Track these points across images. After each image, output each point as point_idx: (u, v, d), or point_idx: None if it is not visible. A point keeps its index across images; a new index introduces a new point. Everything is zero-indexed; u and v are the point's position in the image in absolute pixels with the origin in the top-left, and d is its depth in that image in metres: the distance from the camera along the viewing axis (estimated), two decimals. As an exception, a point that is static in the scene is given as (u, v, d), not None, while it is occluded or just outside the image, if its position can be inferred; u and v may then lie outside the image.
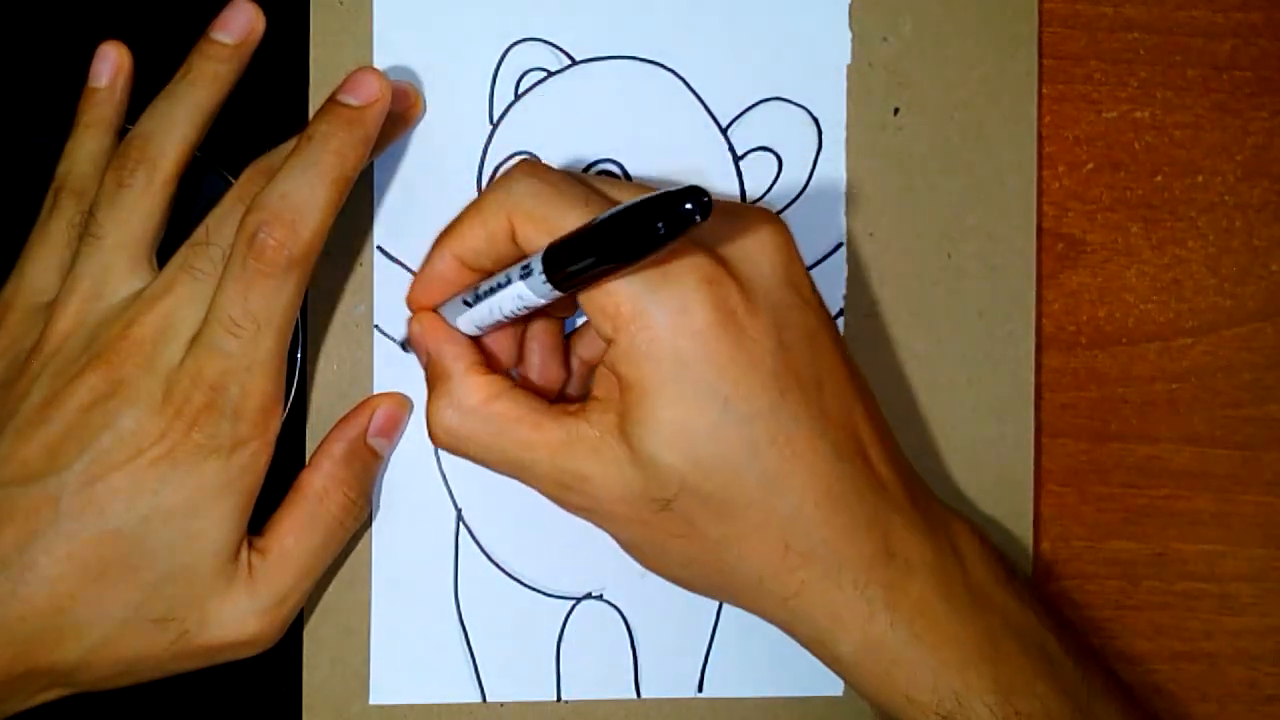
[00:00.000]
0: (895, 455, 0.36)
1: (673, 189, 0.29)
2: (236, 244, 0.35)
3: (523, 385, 0.38)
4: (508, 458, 0.35)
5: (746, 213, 0.35)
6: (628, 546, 0.37)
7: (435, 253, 0.37)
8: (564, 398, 0.40)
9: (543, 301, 0.34)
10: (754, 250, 0.34)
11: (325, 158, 0.35)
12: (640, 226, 0.30)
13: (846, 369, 0.35)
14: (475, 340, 0.37)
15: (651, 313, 0.32)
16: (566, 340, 0.40)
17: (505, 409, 0.35)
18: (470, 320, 0.37)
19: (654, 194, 0.30)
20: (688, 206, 0.29)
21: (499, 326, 0.37)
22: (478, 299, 0.36)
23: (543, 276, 0.33)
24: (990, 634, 0.35)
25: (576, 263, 0.32)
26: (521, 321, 0.38)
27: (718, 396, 0.33)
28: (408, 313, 0.39)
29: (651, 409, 0.33)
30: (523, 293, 0.34)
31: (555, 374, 0.39)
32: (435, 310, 0.38)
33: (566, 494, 0.35)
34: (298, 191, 0.35)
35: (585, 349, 0.40)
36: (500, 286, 0.34)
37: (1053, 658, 0.35)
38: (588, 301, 0.33)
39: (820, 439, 0.34)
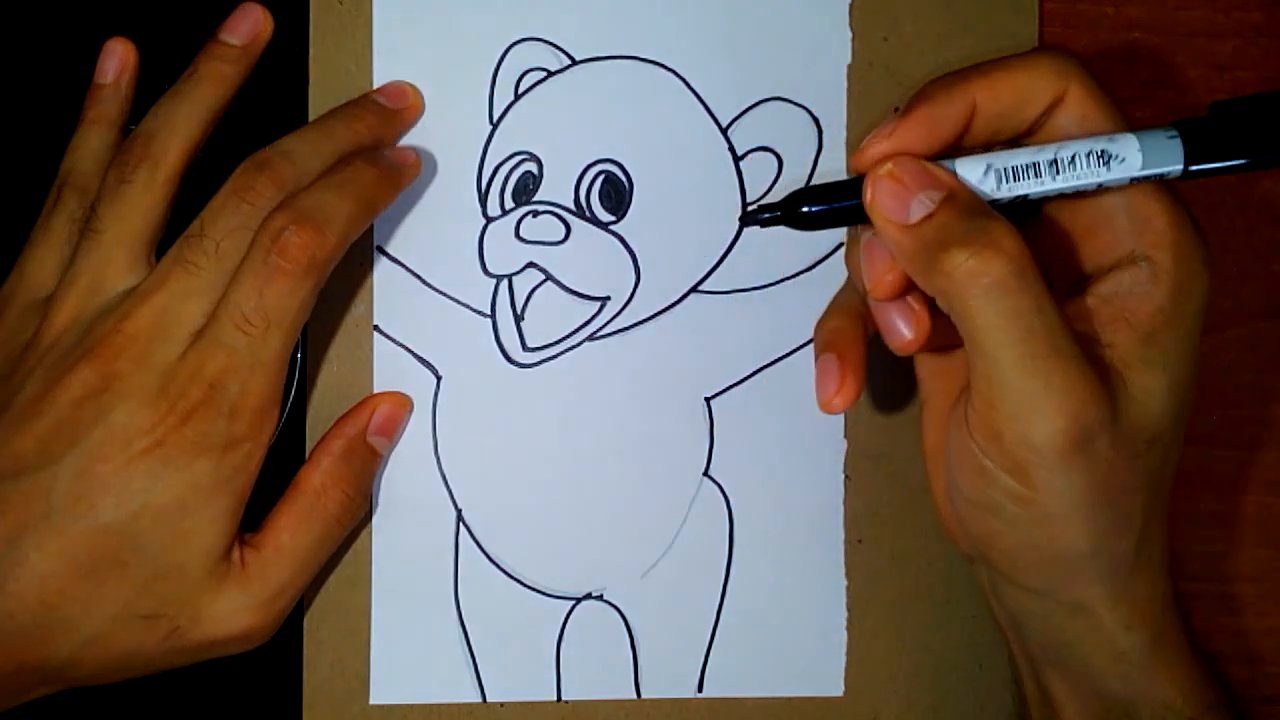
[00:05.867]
0: None
1: None
2: (259, 240, 0.35)
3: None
4: (1032, 339, 0.31)
5: None
6: (1045, 489, 0.32)
7: (946, 95, 0.33)
8: None
9: (1134, 175, 0.32)
10: None
11: (362, 180, 0.37)
12: None
13: None
14: None
15: (1195, 250, 0.32)
16: None
17: (1043, 285, 0.31)
18: (985, 181, 0.33)
19: None
20: None
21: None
22: (1022, 163, 0.32)
23: (1177, 144, 0.32)
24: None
25: (1241, 136, 0.31)
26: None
27: (1196, 349, 0.33)
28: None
29: (1174, 342, 0.32)
30: (1127, 159, 0.32)
31: None
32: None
33: (1065, 420, 0.31)
34: (330, 203, 0.36)
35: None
36: (1082, 152, 0.32)
37: None
38: (1131, 215, 0.32)
39: None
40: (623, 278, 0.41)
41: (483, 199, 0.41)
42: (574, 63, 0.42)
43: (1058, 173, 0.32)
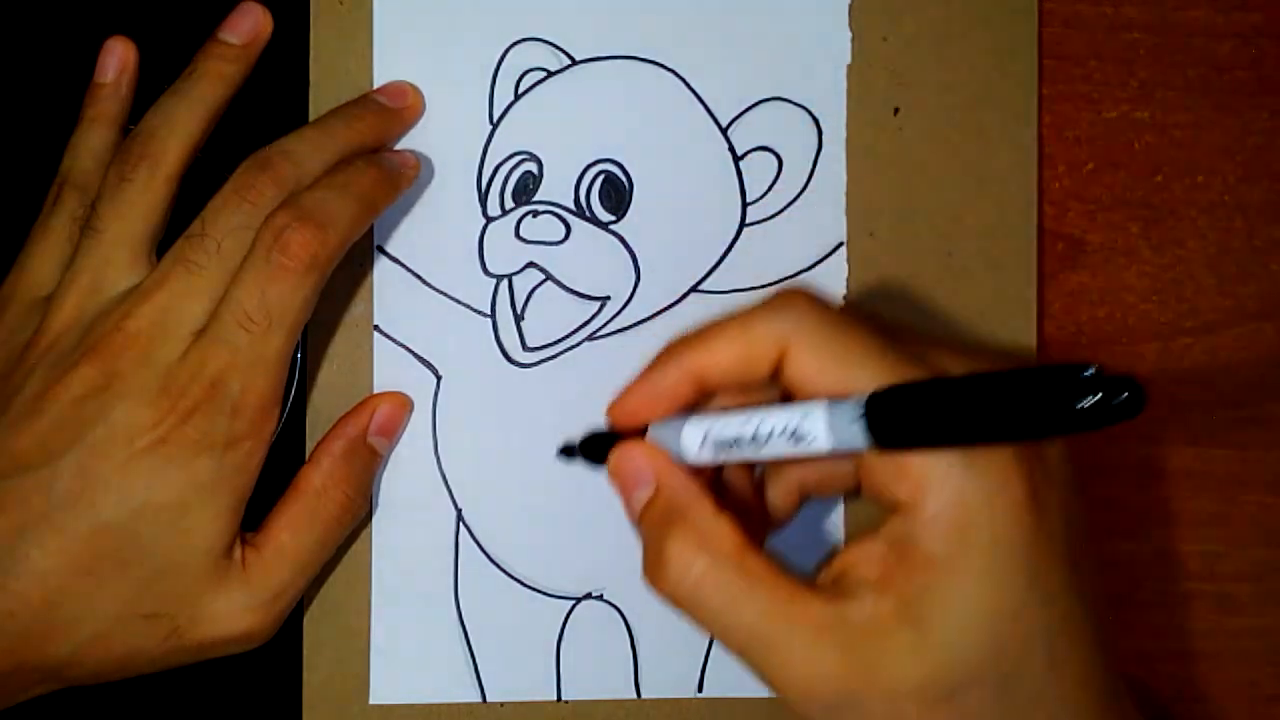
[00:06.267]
0: None
1: (1072, 366, 0.26)
2: (261, 238, 0.35)
3: None
4: (752, 627, 0.30)
5: None
6: None
7: (668, 364, 0.32)
8: None
9: (827, 452, 0.30)
10: None
11: (364, 180, 0.37)
12: (1053, 403, 0.26)
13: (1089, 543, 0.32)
14: None
15: (968, 482, 0.29)
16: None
17: (761, 565, 0.30)
18: (704, 451, 0.32)
19: (1063, 367, 0.26)
20: (1124, 396, 0.25)
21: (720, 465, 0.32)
22: (729, 436, 0.31)
23: (860, 426, 0.29)
24: None
25: (928, 422, 0.28)
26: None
27: (1025, 575, 0.29)
28: (605, 419, 0.34)
29: (957, 588, 0.29)
30: (816, 437, 0.29)
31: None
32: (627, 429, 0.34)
33: (816, 685, 0.30)
34: (332, 202, 0.36)
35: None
36: (778, 427, 0.30)
37: None
38: (884, 461, 0.29)
39: (1090, 618, 0.31)
40: (623, 278, 0.41)
41: (483, 199, 0.41)
42: (574, 63, 0.42)
43: (764, 444, 0.30)
